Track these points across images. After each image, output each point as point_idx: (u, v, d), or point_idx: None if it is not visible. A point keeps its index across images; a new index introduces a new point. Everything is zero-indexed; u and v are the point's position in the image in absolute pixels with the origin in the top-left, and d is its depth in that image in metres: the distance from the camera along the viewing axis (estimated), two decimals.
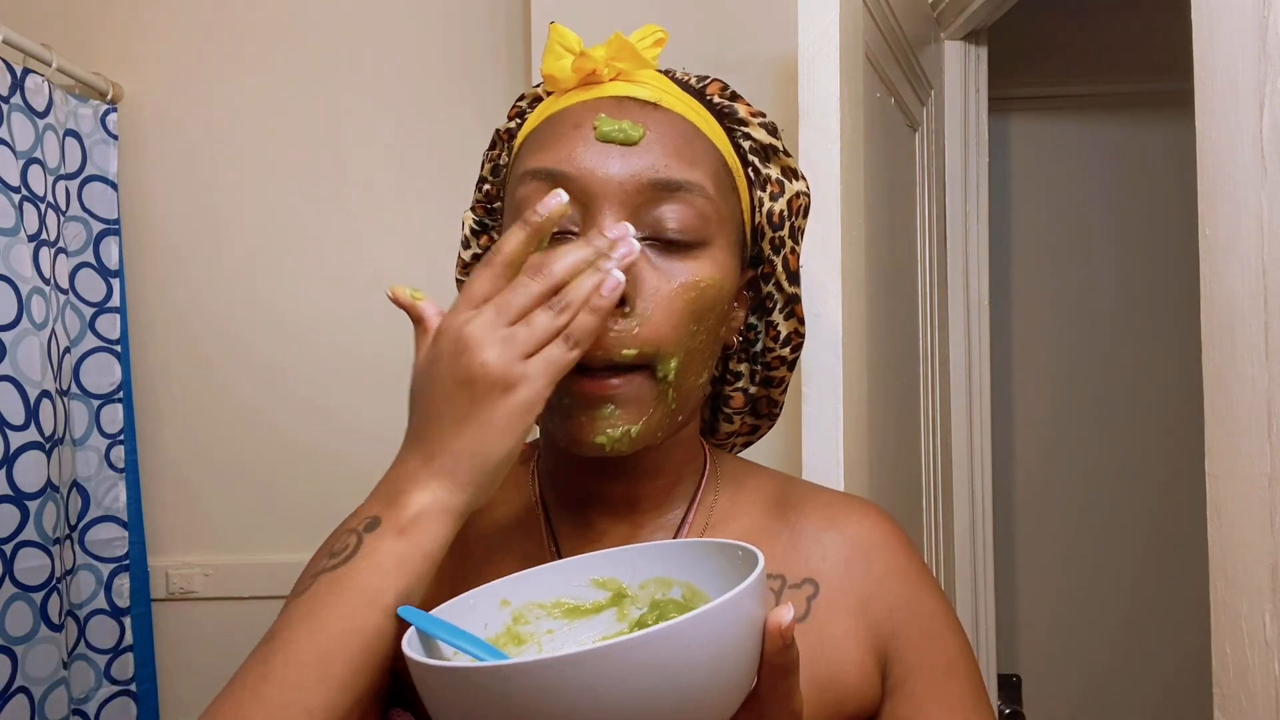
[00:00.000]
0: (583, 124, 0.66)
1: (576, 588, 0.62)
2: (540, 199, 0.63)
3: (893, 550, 0.72)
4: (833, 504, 0.75)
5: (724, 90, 0.73)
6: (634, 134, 0.65)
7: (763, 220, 0.73)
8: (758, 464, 0.80)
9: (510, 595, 0.61)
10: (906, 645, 0.69)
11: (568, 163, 0.65)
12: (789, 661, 0.52)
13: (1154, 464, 2.33)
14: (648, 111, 0.67)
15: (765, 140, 0.73)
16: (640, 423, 0.64)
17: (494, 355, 0.57)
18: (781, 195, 0.73)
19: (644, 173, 0.65)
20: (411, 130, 1.87)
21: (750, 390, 0.78)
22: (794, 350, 0.77)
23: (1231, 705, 0.66)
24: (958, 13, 1.59)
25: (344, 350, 1.86)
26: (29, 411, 1.51)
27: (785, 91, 1.54)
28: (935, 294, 1.59)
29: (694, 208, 0.66)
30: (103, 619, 1.75)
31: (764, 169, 0.73)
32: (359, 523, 0.59)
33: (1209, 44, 0.67)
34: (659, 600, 0.62)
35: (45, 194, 1.62)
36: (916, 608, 0.71)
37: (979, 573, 1.72)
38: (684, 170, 0.66)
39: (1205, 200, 0.68)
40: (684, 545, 0.62)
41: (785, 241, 0.73)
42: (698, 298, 0.65)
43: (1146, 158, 2.34)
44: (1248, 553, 0.65)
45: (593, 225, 0.64)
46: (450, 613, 0.58)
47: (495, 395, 0.57)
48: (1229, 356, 0.66)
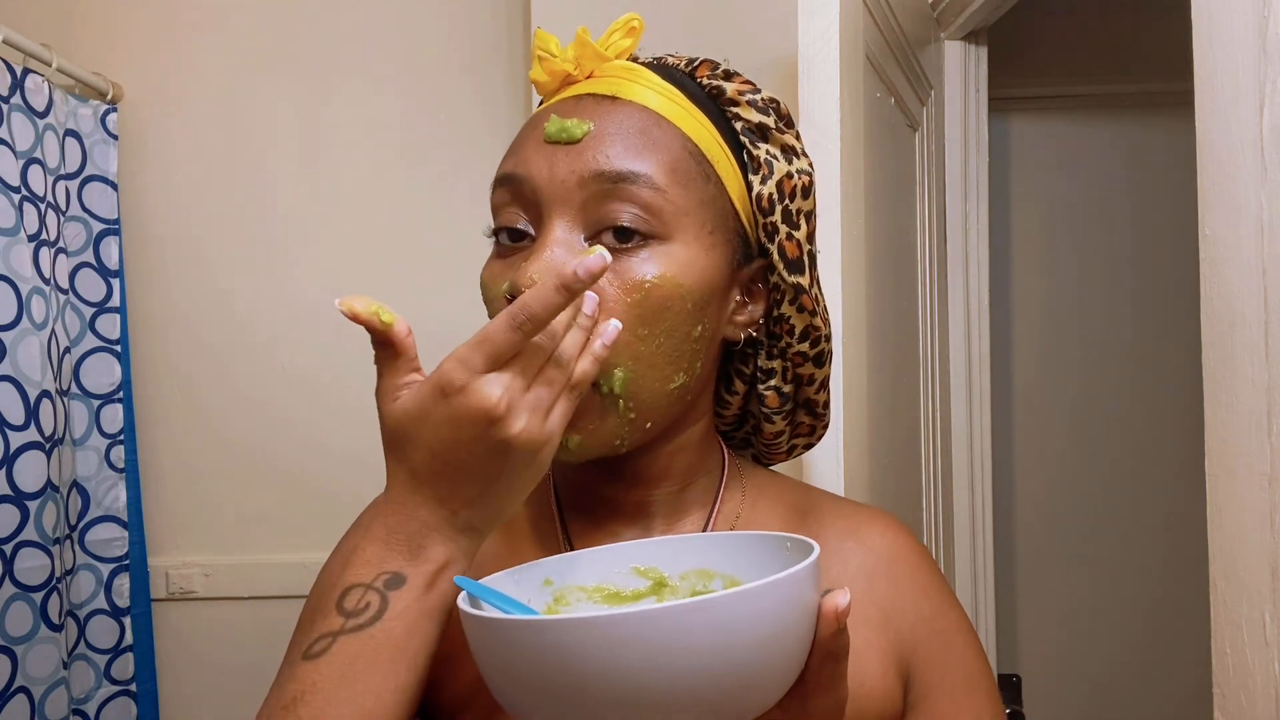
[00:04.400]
0: (538, 126, 0.67)
1: (618, 574, 0.63)
2: (502, 204, 0.65)
3: (914, 564, 0.72)
4: (854, 515, 0.74)
5: (714, 69, 0.70)
6: (576, 131, 0.64)
7: (754, 207, 0.69)
8: (780, 474, 0.79)
9: (554, 575, 0.61)
10: (929, 660, 0.69)
11: (521, 166, 0.65)
12: (840, 647, 0.52)
13: (1154, 463, 2.33)
14: (603, 106, 0.65)
15: (755, 119, 0.69)
16: (585, 433, 0.63)
17: (526, 423, 0.55)
18: (771, 177, 0.68)
19: (582, 168, 0.63)
20: (412, 129, 1.87)
21: (784, 389, 0.73)
22: (814, 345, 0.71)
23: (1231, 705, 0.66)
24: (958, 13, 1.59)
25: (344, 350, 1.86)
26: (29, 411, 1.51)
27: (785, 91, 1.54)
28: (935, 294, 1.59)
29: (639, 200, 0.62)
30: (103, 619, 1.75)
31: (754, 149, 0.69)
32: (377, 580, 0.56)
33: (1209, 44, 0.67)
34: (699, 591, 0.62)
35: (45, 194, 1.62)
36: (939, 622, 0.70)
37: (979, 573, 1.72)
38: (630, 161, 0.63)
39: (1205, 200, 0.68)
40: (728, 537, 0.62)
41: (778, 227, 0.69)
42: (643, 300, 0.62)
43: (1146, 158, 2.34)
44: (1248, 553, 0.65)
45: (541, 227, 0.64)
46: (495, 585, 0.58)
47: (528, 458, 0.56)
48: (1229, 356, 0.66)
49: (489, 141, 1.85)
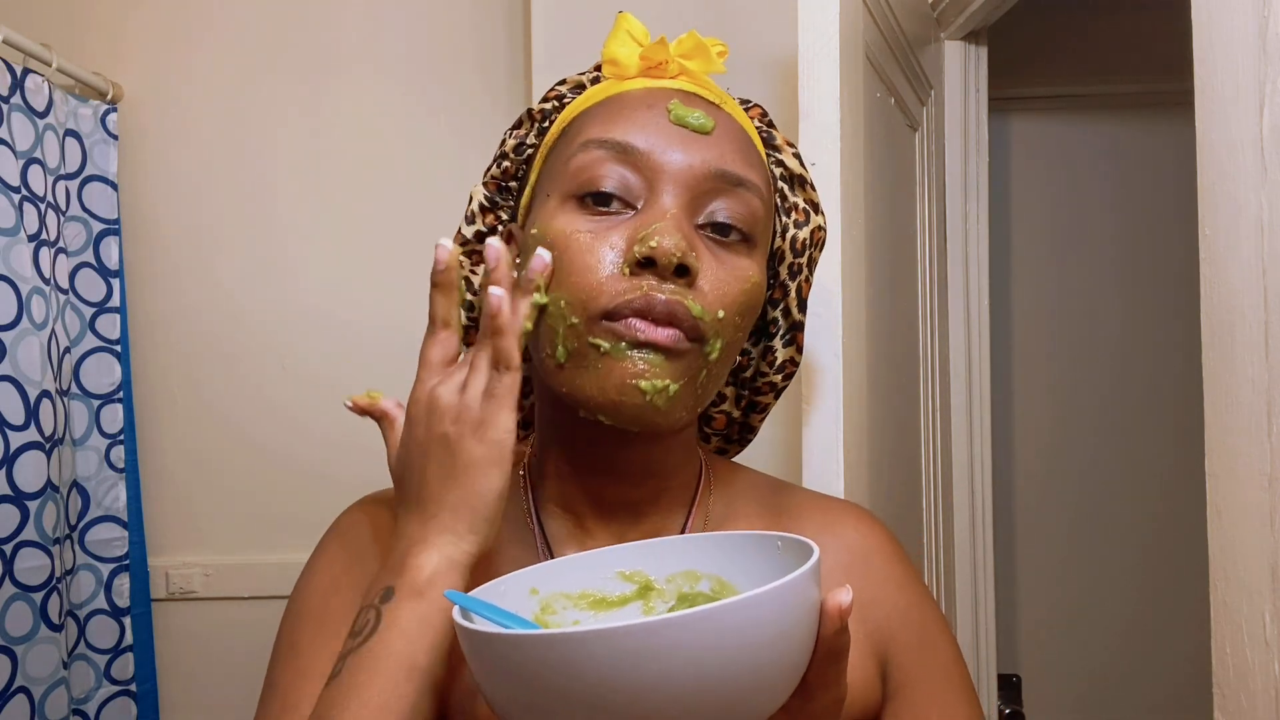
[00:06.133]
0: (655, 106, 0.67)
1: (603, 579, 0.62)
2: (602, 166, 0.65)
3: (888, 557, 0.74)
4: (827, 509, 0.75)
5: (764, 116, 0.76)
6: (707, 124, 0.67)
7: (785, 245, 0.74)
8: (746, 466, 0.80)
9: (539, 584, 0.61)
10: (905, 652, 0.70)
11: (639, 136, 0.66)
12: (842, 645, 0.52)
13: (1154, 463, 2.33)
14: (715, 110, 0.69)
15: (796, 170, 0.75)
16: (681, 383, 0.63)
17: (458, 402, 0.60)
18: (806, 224, 0.74)
19: (712, 162, 0.66)
20: (412, 129, 1.87)
21: (734, 414, 0.80)
22: (786, 378, 0.78)
23: (1231, 705, 0.66)
24: (958, 13, 1.59)
25: (345, 349, 1.86)
26: (29, 411, 1.51)
27: (785, 91, 1.54)
28: (935, 294, 1.59)
29: (750, 206, 0.67)
30: (103, 619, 1.75)
31: (791, 196, 0.75)
32: (373, 598, 0.60)
33: (1209, 44, 0.67)
34: (686, 593, 0.61)
35: (45, 194, 1.62)
36: (913, 615, 0.72)
37: (979, 573, 1.72)
38: (746, 169, 0.67)
39: (1205, 200, 0.68)
40: (712, 538, 0.62)
41: (803, 269, 0.75)
42: (750, 290, 0.66)
43: (1147, 158, 2.34)
44: (1248, 553, 0.65)
45: (654, 200, 0.64)
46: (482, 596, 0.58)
47: (470, 439, 0.59)
48: (1229, 356, 0.66)
49: (490, 141, 1.84)
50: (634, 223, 0.64)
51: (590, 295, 0.62)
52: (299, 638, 0.67)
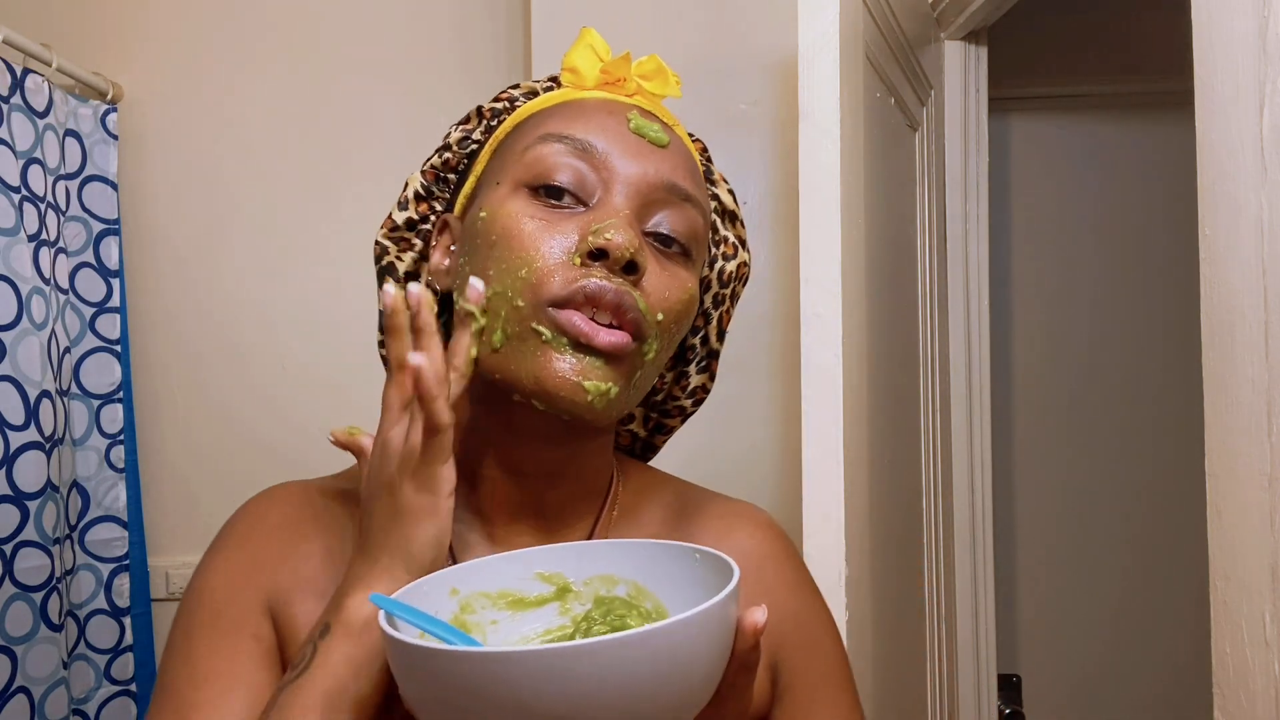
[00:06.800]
0: (615, 114, 0.69)
1: (522, 580, 0.63)
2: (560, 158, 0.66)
3: (780, 562, 0.76)
4: (725, 515, 0.77)
5: (704, 151, 0.78)
6: (663, 138, 0.69)
7: (713, 276, 0.76)
8: (659, 470, 0.81)
9: (459, 584, 0.61)
10: (794, 654, 0.73)
11: (599, 138, 0.67)
12: (755, 660, 0.55)
13: (1154, 463, 2.33)
14: (668, 130, 0.71)
15: (730, 205, 0.77)
16: (620, 386, 0.64)
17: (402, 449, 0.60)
18: (734, 258, 0.77)
19: (665, 174, 0.68)
20: (412, 129, 1.87)
21: (639, 433, 0.82)
22: (696, 404, 0.80)
23: (1231, 705, 0.66)
24: (958, 13, 1.59)
25: (345, 350, 1.85)
26: (29, 411, 1.51)
27: (785, 91, 1.54)
28: (935, 294, 1.59)
29: (694, 223, 0.69)
30: (103, 619, 1.75)
31: (723, 229, 0.77)
32: (315, 632, 0.61)
33: (1209, 44, 0.67)
34: (603, 597, 0.62)
35: (45, 194, 1.62)
36: (803, 618, 0.75)
37: (979, 573, 1.72)
38: (694, 187, 0.70)
39: (1205, 200, 0.68)
40: (632, 545, 0.62)
41: (725, 299, 0.77)
42: (687, 301, 0.68)
43: (1146, 158, 2.33)
44: (1248, 553, 0.65)
45: (608, 199, 0.66)
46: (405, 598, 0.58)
47: (408, 486, 0.60)
48: (1229, 356, 0.66)
49: None
50: (586, 218, 0.65)
51: (540, 279, 0.63)
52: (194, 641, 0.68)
